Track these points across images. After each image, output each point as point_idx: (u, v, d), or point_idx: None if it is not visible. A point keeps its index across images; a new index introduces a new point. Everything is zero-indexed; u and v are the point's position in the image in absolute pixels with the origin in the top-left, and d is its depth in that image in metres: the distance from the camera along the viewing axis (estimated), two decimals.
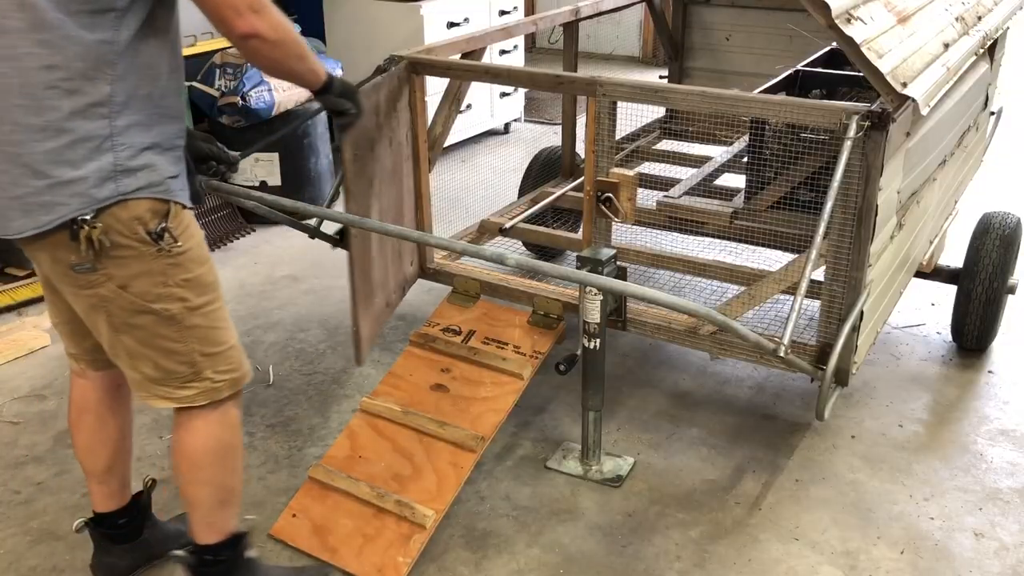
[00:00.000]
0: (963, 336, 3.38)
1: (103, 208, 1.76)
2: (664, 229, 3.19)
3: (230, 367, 2.02)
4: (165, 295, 1.88)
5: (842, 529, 2.55)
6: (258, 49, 1.80)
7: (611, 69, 7.73)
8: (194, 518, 2.12)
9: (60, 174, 1.74)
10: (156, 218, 1.82)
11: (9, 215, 1.79)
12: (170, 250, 1.86)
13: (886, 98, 2.23)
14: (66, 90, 1.71)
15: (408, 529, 2.40)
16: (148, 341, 1.91)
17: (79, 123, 1.73)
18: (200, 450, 2.04)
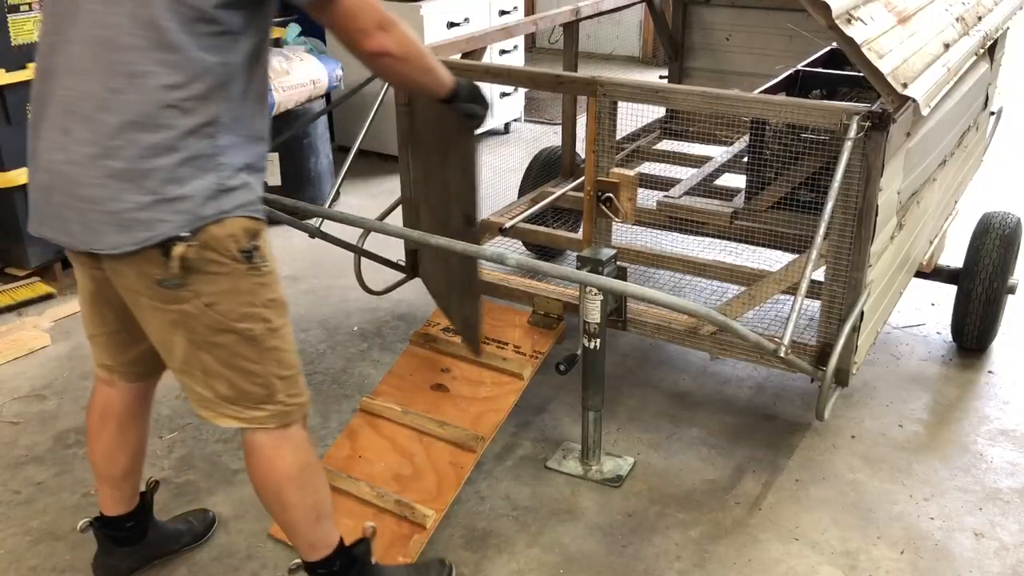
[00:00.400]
0: (963, 336, 3.38)
1: (201, 226, 1.75)
2: (664, 229, 3.19)
3: (298, 391, 1.99)
4: (250, 315, 1.86)
5: (842, 529, 2.55)
6: (388, 66, 1.88)
7: (611, 69, 7.73)
8: (295, 541, 2.10)
9: (167, 191, 1.72)
10: (248, 236, 1.82)
11: (101, 230, 1.75)
12: (259, 269, 1.85)
13: (887, 98, 2.23)
14: (183, 110, 1.72)
15: (408, 529, 2.40)
16: (227, 360, 1.88)
17: (190, 142, 1.74)
18: (278, 478, 2.01)
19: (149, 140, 1.71)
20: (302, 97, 4.56)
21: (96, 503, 2.65)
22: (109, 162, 1.72)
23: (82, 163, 1.74)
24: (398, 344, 3.51)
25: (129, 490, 2.29)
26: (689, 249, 3.24)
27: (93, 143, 1.73)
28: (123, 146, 1.71)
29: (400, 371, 2.81)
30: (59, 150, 1.77)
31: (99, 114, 1.72)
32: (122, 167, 1.71)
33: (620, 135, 3.03)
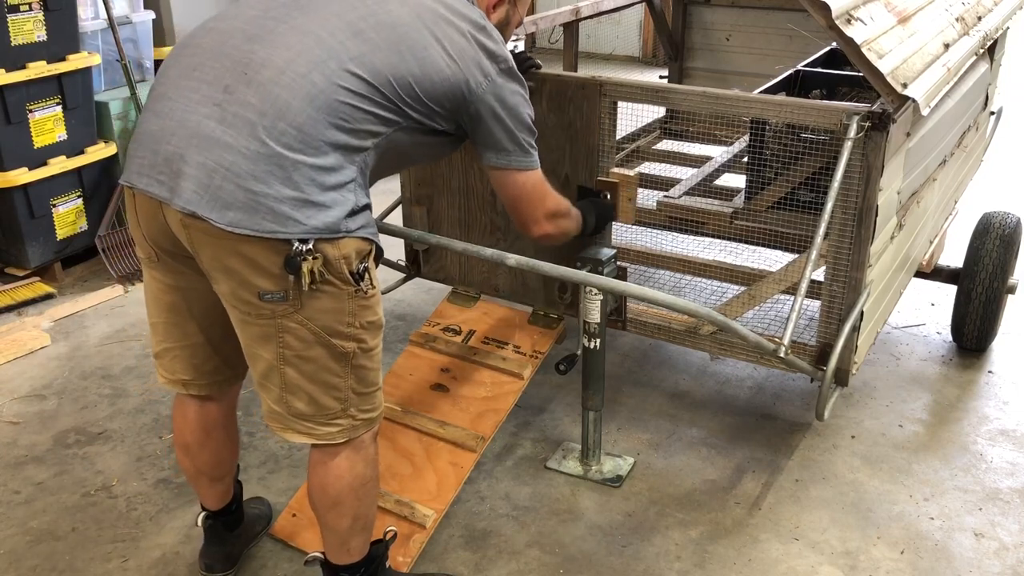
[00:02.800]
0: (963, 336, 3.38)
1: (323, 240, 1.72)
2: (664, 229, 3.19)
3: (372, 406, 1.97)
4: (346, 334, 1.84)
5: (842, 529, 2.55)
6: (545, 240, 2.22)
7: (611, 69, 7.73)
8: (329, 540, 2.08)
9: (311, 193, 1.69)
10: (359, 258, 1.80)
11: (229, 202, 1.67)
12: (366, 291, 1.83)
13: (886, 99, 2.23)
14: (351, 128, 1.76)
15: (408, 528, 2.40)
16: (313, 375, 1.85)
17: (343, 157, 1.75)
18: (341, 487, 1.99)
19: (317, 137, 1.70)
20: None
21: (94, 503, 2.65)
22: (268, 140, 1.67)
23: (236, 127, 1.69)
24: (398, 344, 3.51)
25: (229, 481, 2.33)
26: (689, 249, 3.23)
27: (259, 112, 1.69)
28: (287, 131, 1.68)
29: (400, 371, 2.81)
30: (209, 104, 1.71)
31: (277, 88, 1.70)
32: (279, 151, 1.67)
33: (620, 135, 3.03)
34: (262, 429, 2.99)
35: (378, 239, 1.87)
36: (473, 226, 2.86)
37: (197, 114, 1.71)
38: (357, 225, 1.78)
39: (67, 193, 3.99)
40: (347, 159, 1.75)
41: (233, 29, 1.80)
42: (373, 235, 1.83)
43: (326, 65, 1.73)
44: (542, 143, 2.62)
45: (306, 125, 1.69)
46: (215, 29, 1.83)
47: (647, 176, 3.70)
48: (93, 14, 4.15)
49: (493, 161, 2.03)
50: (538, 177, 2.10)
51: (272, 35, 1.76)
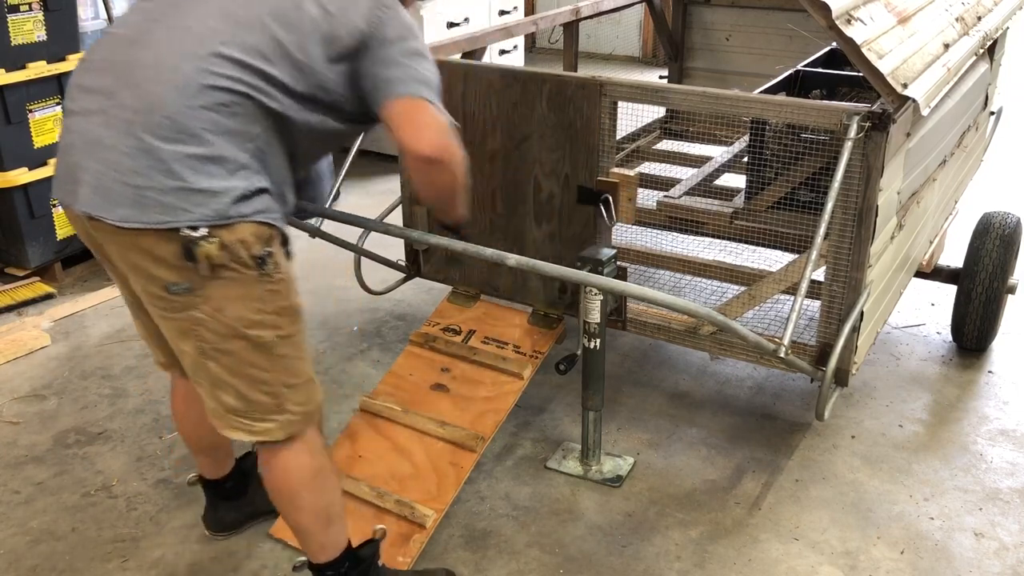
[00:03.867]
0: (963, 336, 3.38)
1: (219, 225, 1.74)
2: (664, 229, 3.19)
3: (307, 399, 1.97)
4: (260, 322, 1.84)
5: (842, 529, 2.55)
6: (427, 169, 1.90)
7: (611, 69, 7.73)
8: (304, 542, 2.10)
9: (194, 181, 1.72)
10: (260, 242, 1.81)
11: (118, 200, 1.73)
12: (272, 276, 1.84)
13: (886, 99, 2.23)
14: (233, 112, 1.76)
15: (408, 529, 2.40)
16: (236, 368, 1.87)
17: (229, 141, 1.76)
18: (292, 484, 2.00)
19: (190, 126, 1.72)
20: None
21: (94, 503, 2.66)
22: (144, 135, 1.71)
23: (116, 127, 1.73)
24: (398, 344, 3.51)
25: (222, 456, 2.42)
26: (689, 249, 3.23)
27: (133, 110, 1.73)
28: (162, 124, 1.71)
29: (400, 371, 2.81)
30: (99, 112, 1.77)
31: (149, 85, 1.74)
32: (156, 145, 1.71)
33: (620, 135, 3.03)
34: None
35: (281, 224, 1.88)
36: (473, 226, 2.86)
37: (91, 123, 1.78)
38: (252, 209, 1.79)
39: None
40: (235, 144, 1.77)
41: (119, 37, 1.86)
42: (275, 220, 1.84)
43: (195, 54, 1.75)
44: (542, 143, 2.64)
45: (179, 115, 1.72)
46: (106, 40, 1.89)
47: (647, 176, 3.70)
48: (93, 14, 4.15)
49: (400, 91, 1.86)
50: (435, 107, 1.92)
51: (149, 35, 1.81)
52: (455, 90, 2.73)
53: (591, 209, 2.63)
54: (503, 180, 2.76)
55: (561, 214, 2.70)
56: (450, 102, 2.74)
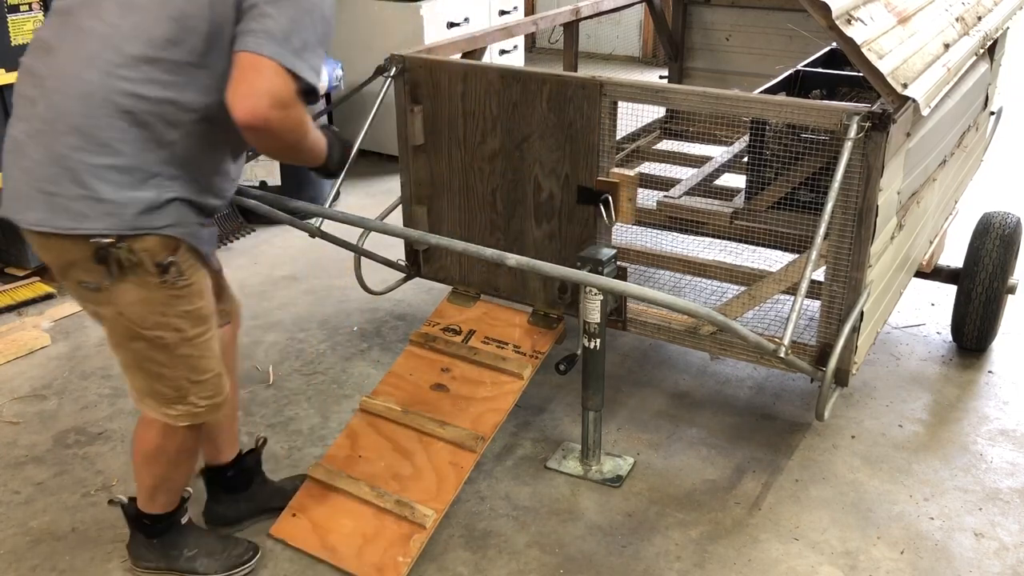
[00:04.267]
0: (963, 336, 3.38)
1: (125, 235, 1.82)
2: (664, 229, 3.19)
3: (213, 393, 2.10)
4: (162, 324, 1.94)
5: (842, 529, 2.55)
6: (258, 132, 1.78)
7: (611, 69, 7.73)
8: (139, 490, 2.26)
9: (100, 190, 1.78)
10: (165, 251, 1.88)
11: (31, 204, 1.82)
12: (175, 283, 1.91)
13: (887, 99, 2.23)
14: (142, 121, 1.78)
15: (408, 529, 2.40)
16: (139, 363, 2.00)
17: (139, 152, 1.80)
18: (151, 449, 2.17)
19: (98, 136, 1.76)
20: None
21: (96, 503, 2.66)
22: (54, 145, 1.78)
23: (34, 137, 1.80)
24: (398, 344, 3.51)
25: (223, 441, 2.46)
26: (689, 249, 3.23)
27: (42, 119, 1.79)
28: (67, 133, 1.77)
29: (400, 371, 2.81)
30: (22, 122, 1.84)
31: (59, 96, 1.78)
32: (63, 153, 1.77)
33: (620, 135, 3.03)
34: (262, 429, 2.99)
35: (192, 238, 1.92)
36: (473, 226, 2.86)
37: (17, 130, 1.86)
38: (161, 223, 1.85)
39: None
40: (145, 152, 1.80)
41: (41, 42, 1.88)
42: (182, 234, 1.89)
43: (99, 57, 1.77)
44: (542, 143, 2.64)
45: (85, 126, 1.76)
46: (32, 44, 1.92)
47: (647, 176, 3.70)
48: None
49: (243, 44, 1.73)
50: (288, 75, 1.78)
51: (61, 43, 1.83)
52: (455, 90, 2.73)
53: (591, 209, 2.63)
54: (503, 180, 2.76)
55: (561, 214, 2.70)
56: (450, 102, 2.75)
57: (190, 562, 2.33)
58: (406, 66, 2.79)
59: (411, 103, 2.81)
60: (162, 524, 2.30)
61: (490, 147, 2.74)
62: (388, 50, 2.89)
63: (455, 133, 2.78)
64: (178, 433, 2.13)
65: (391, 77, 2.78)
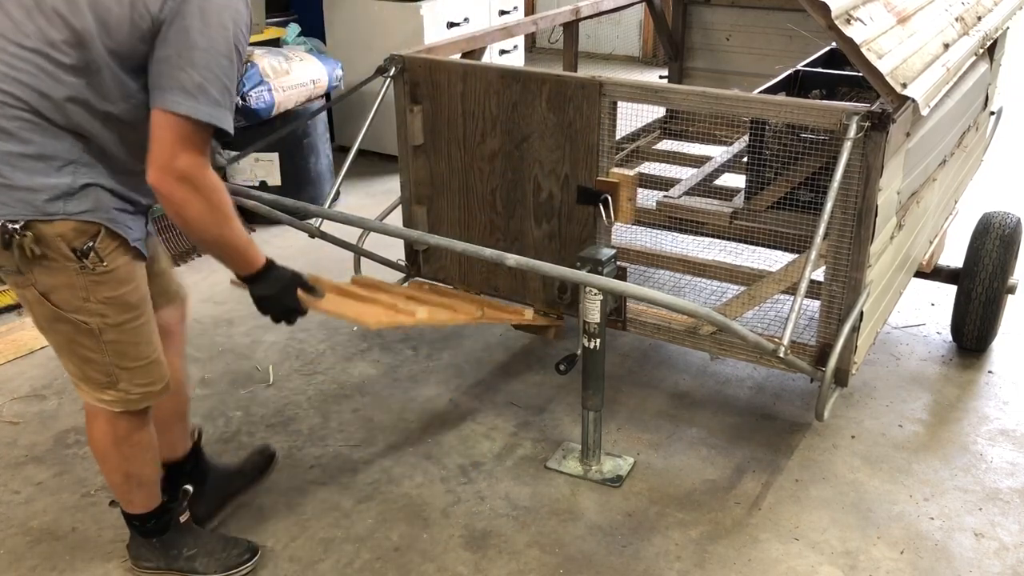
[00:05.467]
0: (963, 336, 3.38)
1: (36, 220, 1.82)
2: (664, 229, 3.19)
3: (149, 380, 2.09)
4: (84, 308, 1.94)
5: (842, 529, 2.55)
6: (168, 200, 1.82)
7: (611, 69, 7.73)
8: (114, 493, 2.27)
9: (12, 178, 1.80)
10: (82, 237, 1.88)
11: None
12: (94, 268, 1.91)
13: (886, 99, 2.23)
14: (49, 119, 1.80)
15: (401, 312, 2.44)
16: (66, 347, 2.00)
17: (49, 141, 1.81)
18: (106, 444, 2.16)
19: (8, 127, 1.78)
20: (302, 97, 4.56)
21: (96, 503, 2.66)
22: None
23: None
24: (398, 344, 3.51)
25: (175, 436, 2.44)
26: (689, 249, 3.23)
27: None
28: None
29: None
30: None
31: None
32: None
33: (620, 135, 3.03)
34: (262, 429, 2.99)
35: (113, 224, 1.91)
36: (473, 226, 2.86)
37: None
38: (76, 209, 1.85)
39: None
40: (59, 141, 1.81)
41: None
42: (100, 218, 1.89)
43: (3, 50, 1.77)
44: (542, 143, 2.64)
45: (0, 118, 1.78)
46: None
47: (647, 176, 3.69)
48: None
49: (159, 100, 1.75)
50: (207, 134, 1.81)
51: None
52: (455, 90, 2.73)
53: (591, 209, 2.63)
54: (503, 180, 2.76)
55: (561, 214, 2.70)
56: (450, 102, 2.76)
57: (190, 562, 2.33)
58: (406, 66, 2.79)
59: (411, 103, 2.81)
60: (152, 523, 2.29)
61: (490, 147, 2.74)
62: (388, 50, 2.89)
63: (455, 133, 2.79)
64: (120, 423, 2.11)
65: (391, 77, 2.78)
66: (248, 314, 3.72)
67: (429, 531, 2.54)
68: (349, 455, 2.86)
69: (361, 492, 2.70)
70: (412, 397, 3.18)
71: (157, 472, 2.28)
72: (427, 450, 2.89)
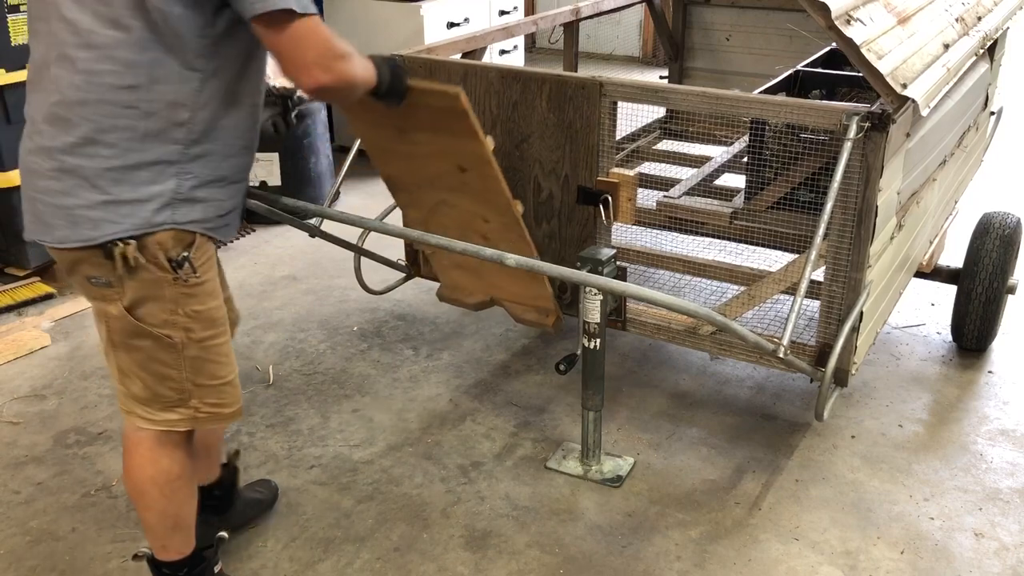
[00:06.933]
0: (963, 336, 3.38)
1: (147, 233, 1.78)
2: (664, 229, 3.19)
3: (220, 401, 2.02)
4: (171, 322, 1.88)
5: (842, 529, 2.55)
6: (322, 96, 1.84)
7: (611, 69, 7.73)
8: (148, 536, 2.14)
9: (118, 193, 1.75)
10: (179, 246, 1.83)
11: (53, 223, 1.79)
12: (187, 280, 1.86)
13: (886, 99, 2.23)
14: (145, 112, 1.73)
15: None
16: (143, 364, 1.93)
17: (151, 145, 1.75)
18: (143, 478, 2.05)
19: (105, 139, 1.73)
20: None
21: (94, 503, 2.66)
22: (64, 157, 1.74)
23: (39, 154, 1.78)
24: (398, 344, 3.51)
25: (214, 458, 2.37)
26: (689, 249, 3.23)
27: (51, 136, 1.76)
28: (77, 143, 1.73)
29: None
30: (28, 138, 1.83)
31: (58, 108, 1.75)
32: (77, 164, 1.74)
33: (620, 135, 3.03)
34: (262, 429, 2.99)
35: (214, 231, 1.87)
36: None
37: (25, 151, 1.84)
38: (185, 218, 1.81)
39: None
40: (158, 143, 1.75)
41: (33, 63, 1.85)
42: (204, 229, 1.86)
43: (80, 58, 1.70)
44: (542, 143, 2.64)
45: (90, 131, 1.73)
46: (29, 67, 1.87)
47: (647, 176, 3.70)
48: None
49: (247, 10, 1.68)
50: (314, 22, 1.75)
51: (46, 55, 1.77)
52: None
53: (591, 209, 2.63)
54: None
55: (561, 214, 2.70)
56: None
57: None
58: (406, 66, 2.78)
59: None
60: (184, 572, 2.15)
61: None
62: (388, 50, 2.88)
63: None
64: (162, 457, 2.03)
65: None
66: (248, 314, 3.72)
67: (429, 531, 2.54)
68: (349, 455, 2.87)
69: (361, 492, 2.70)
70: (412, 397, 3.18)
71: (194, 514, 2.16)
72: (427, 450, 2.89)
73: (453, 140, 2.28)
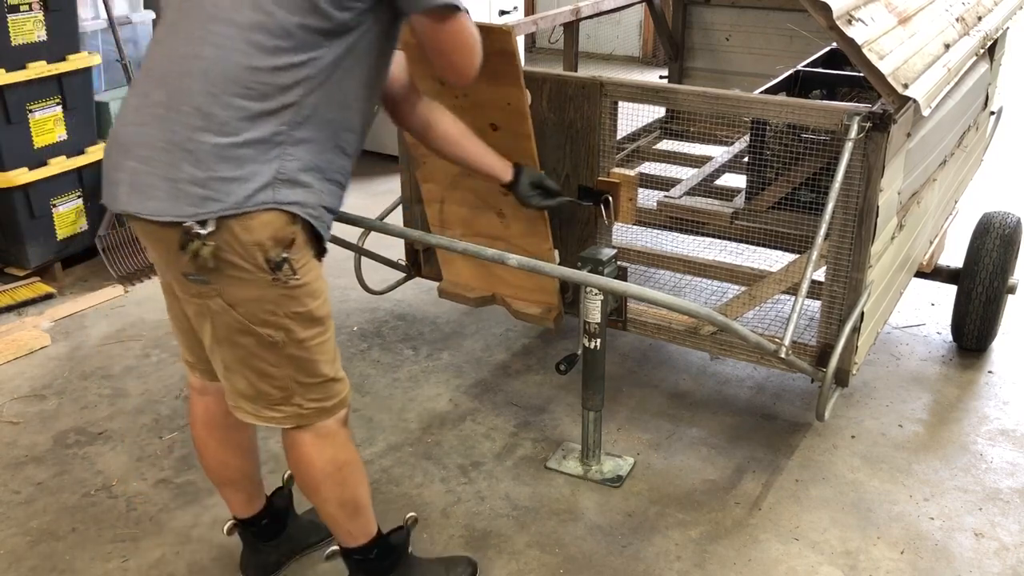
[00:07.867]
0: (963, 336, 3.38)
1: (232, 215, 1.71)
2: (664, 229, 3.19)
3: (324, 396, 1.97)
4: (272, 322, 1.83)
5: (842, 529, 2.55)
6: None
7: (611, 69, 7.73)
8: (333, 529, 2.13)
9: (222, 170, 1.70)
10: (278, 247, 1.77)
11: (152, 193, 1.72)
12: (286, 281, 1.80)
13: (887, 99, 2.23)
14: (261, 93, 1.71)
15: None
16: (246, 360, 1.88)
17: (260, 124, 1.71)
18: (315, 474, 2.02)
19: (220, 115, 1.69)
20: None
21: (94, 503, 2.66)
22: (173, 127, 1.70)
23: (149, 124, 1.73)
24: (398, 344, 3.51)
25: (253, 489, 2.31)
26: (689, 249, 3.23)
27: (165, 106, 1.72)
28: (191, 115, 1.70)
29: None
30: (133, 111, 1.78)
31: (178, 80, 1.72)
32: (187, 136, 1.70)
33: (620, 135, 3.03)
34: (263, 430, 2.98)
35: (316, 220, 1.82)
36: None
37: (128, 126, 1.79)
38: (287, 199, 1.75)
39: (67, 193, 3.99)
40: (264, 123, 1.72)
41: (156, 41, 1.84)
42: (305, 213, 1.79)
43: (214, 32, 1.71)
44: (542, 143, 2.64)
45: (205, 104, 1.70)
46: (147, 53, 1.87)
47: (647, 176, 3.69)
48: (93, 14, 4.15)
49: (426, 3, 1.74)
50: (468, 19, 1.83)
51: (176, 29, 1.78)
52: None
53: (591, 209, 2.63)
54: None
55: (562, 214, 2.70)
56: None
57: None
58: None
59: None
60: (375, 554, 2.14)
61: None
62: None
63: None
64: (325, 446, 1.99)
65: None
66: None
67: (429, 531, 2.54)
68: None
69: None
70: (412, 397, 3.18)
71: (369, 493, 2.12)
72: (427, 450, 2.89)
73: (494, 90, 2.28)
